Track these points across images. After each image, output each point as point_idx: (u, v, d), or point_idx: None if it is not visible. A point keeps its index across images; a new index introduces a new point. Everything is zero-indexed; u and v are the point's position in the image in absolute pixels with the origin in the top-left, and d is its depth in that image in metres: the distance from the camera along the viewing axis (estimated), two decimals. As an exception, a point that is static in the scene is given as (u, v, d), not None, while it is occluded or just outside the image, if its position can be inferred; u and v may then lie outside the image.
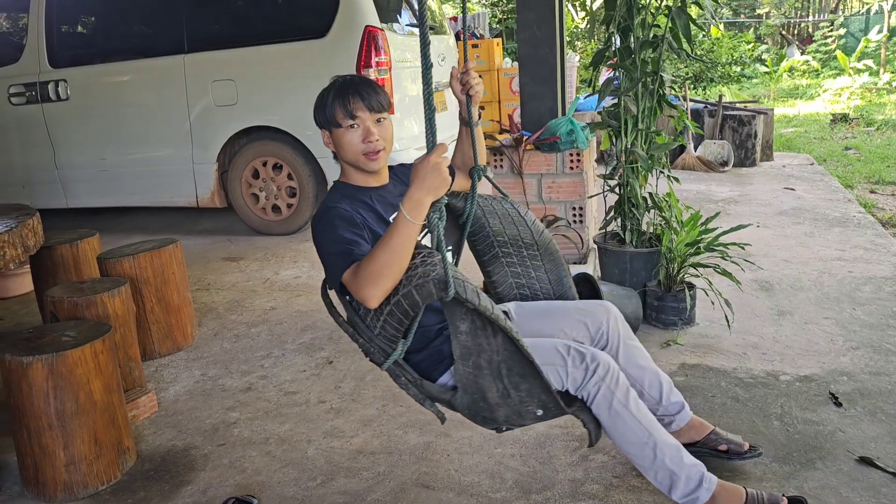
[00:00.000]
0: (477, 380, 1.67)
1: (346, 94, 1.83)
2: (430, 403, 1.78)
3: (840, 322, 3.25)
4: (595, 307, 2.10)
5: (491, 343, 1.64)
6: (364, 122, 1.84)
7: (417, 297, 1.57)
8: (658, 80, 3.32)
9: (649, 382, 2.09)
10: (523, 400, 1.69)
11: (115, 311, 2.75)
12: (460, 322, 1.63)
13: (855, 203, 5.44)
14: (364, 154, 1.85)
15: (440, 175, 1.58)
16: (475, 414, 1.76)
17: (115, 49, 5.54)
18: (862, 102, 11.48)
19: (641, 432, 1.82)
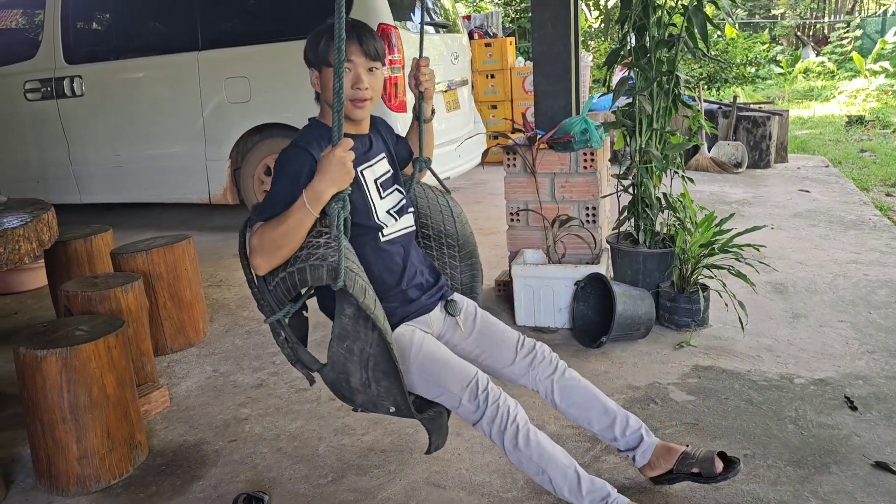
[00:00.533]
0: (346, 362, 1.73)
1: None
2: (300, 366, 1.83)
3: (855, 325, 3.22)
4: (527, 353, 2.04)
5: (368, 335, 1.69)
6: (356, 67, 1.80)
7: (308, 276, 1.63)
8: (674, 79, 3.30)
9: (597, 420, 2.02)
10: (380, 394, 1.76)
11: (128, 306, 2.76)
12: (347, 306, 1.67)
13: (870, 206, 5.39)
14: (350, 100, 1.81)
15: (344, 168, 1.61)
16: (336, 390, 1.82)
17: (129, 46, 5.57)
18: (878, 104, 11.38)
19: (535, 468, 1.82)
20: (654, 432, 2.39)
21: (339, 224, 1.64)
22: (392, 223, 1.94)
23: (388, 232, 1.93)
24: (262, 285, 1.76)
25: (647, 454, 2.03)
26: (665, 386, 2.75)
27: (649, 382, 2.78)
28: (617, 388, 2.75)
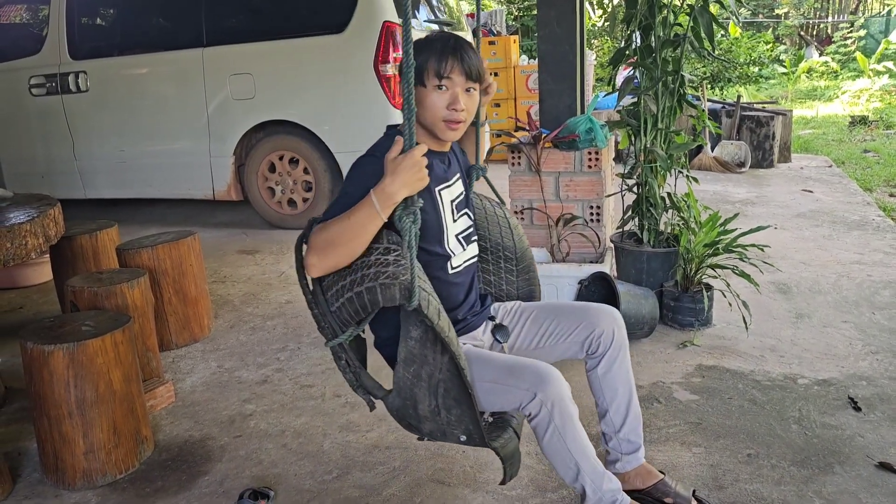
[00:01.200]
0: (413, 388, 1.64)
1: (445, 52, 1.71)
2: (362, 391, 1.75)
3: (859, 326, 3.22)
4: (601, 312, 1.95)
5: (437, 359, 1.60)
6: (454, 86, 1.73)
7: (380, 296, 1.52)
8: (679, 79, 3.30)
9: (616, 409, 1.96)
10: (451, 423, 1.66)
11: (134, 301, 2.77)
12: (413, 328, 1.59)
13: (874, 206, 5.39)
14: (444, 121, 1.74)
15: (420, 172, 1.55)
16: (402, 418, 1.73)
17: (134, 42, 5.58)
18: (881, 105, 11.36)
19: (569, 459, 1.71)
20: (658, 431, 2.42)
21: (410, 239, 1.55)
22: (460, 251, 1.86)
23: (457, 263, 1.86)
24: (324, 306, 1.63)
25: (629, 466, 1.99)
26: (669, 385, 2.75)
27: (653, 381, 2.79)
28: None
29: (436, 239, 1.81)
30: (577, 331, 1.93)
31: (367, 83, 4.80)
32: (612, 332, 1.92)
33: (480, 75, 1.76)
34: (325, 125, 5.00)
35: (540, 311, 2.01)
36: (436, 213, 1.81)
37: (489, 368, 1.73)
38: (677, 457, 2.28)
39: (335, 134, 5.00)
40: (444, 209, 1.83)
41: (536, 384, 1.65)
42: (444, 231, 1.83)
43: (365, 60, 4.78)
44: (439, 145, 1.84)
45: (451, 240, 1.85)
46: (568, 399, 1.67)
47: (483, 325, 1.97)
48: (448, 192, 1.85)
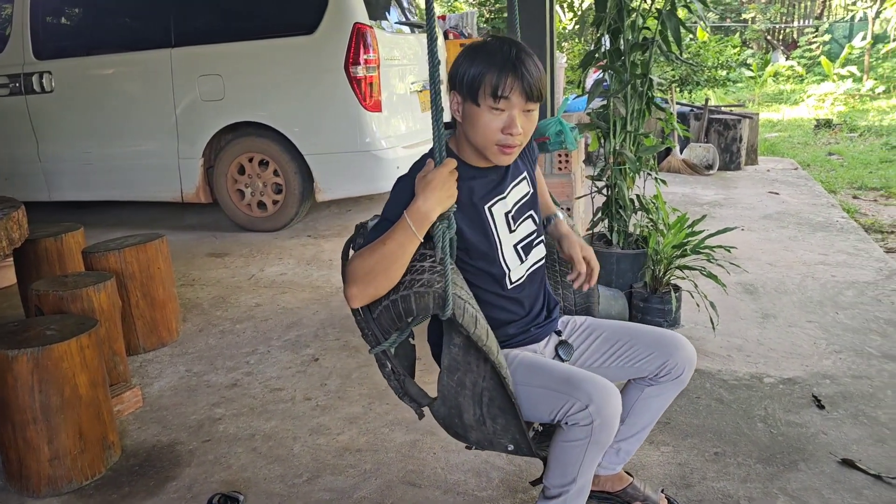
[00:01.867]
0: (457, 397, 1.62)
1: (504, 69, 1.53)
2: (408, 399, 1.69)
3: (823, 326, 3.29)
4: (679, 345, 1.80)
5: (480, 367, 1.57)
6: (512, 108, 1.55)
7: (413, 304, 1.50)
8: (647, 82, 3.34)
9: (632, 424, 1.89)
10: (497, 432, 1.63)
11: (101, 305, 2.73)
12: (456, 335, 1.56)
13: (838, 208, 5.50)
14: (497, 145, 1.59)
15: (452, 188, 1.51)
16: (448, 427, 1.69)
17: (100, 41, 5.49)
18: (845, 108, 11.61)
19: (574, 471, 1.64)
20: (628, 431, 2.44)
21: (444, 246, 1.52)
22: (517, 264, 1.74)
23: (516, 276, 1.74)
24: (366, 312, 1.60)
25: (605, 472, 1.99)
26: (638, 385, 2.78)
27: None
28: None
29: (487, 258, 1.70)
30: (649, 357, 1.80)
31: (338, 85, 4.78)
32: (683, 369, 1.80)
33: (542, 94, 1.57)
34: (296, 127, 4.97)
35: (613, 332, 1.87)
36: (484, 232, 1.69)
37: (542, 374, 1.65)
38: (646, 456, 2.31)
39: (305, 136, 4.97)
40: (495, 226, 1.71)
41: (594, 397, 1.54)
42: (497, 248, 1.71)
43: (335, 62, 4.77)
44: (488, 163, 1.68)
45: (508, 253, 1.73)
46: (615, 425, 1.57)
47: (547, 338, 1.85)
48: (502, 204, 1.72)
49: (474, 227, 1.68)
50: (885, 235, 4.96)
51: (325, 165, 4.99)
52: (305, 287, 4.07)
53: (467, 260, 1.69)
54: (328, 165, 4.99)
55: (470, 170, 1.68)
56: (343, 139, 4.88)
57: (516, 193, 1.76)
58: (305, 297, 3.91)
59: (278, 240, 5.10)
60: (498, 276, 1.72)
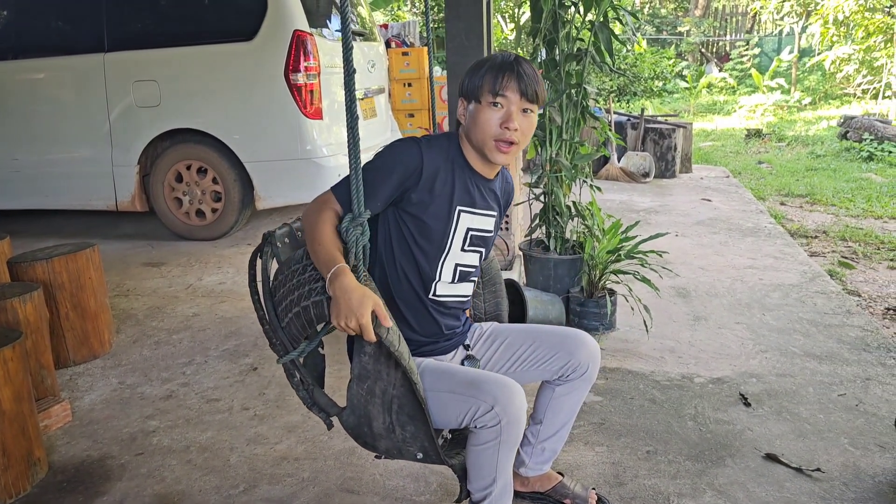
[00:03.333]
0: (367, 405, 1.61)
1: (502, 69, 1.66)
2: (317, 409, 1.69)
3: (751, 327, 3.41)
4: (581, 343, 1.87)
5: (390, 374, 1.58)
6: (509, 104, 1.66)
7: (326, 309, 1.50)
8: (582, 92, 3.42)
9: (549, 424, 1.94)
10: (406, 440, 1.63)
11: (27, 317, 2.64)
12: (366, 343, 1.54)
13: (766, 214, 5.72)
14: (495, 139, 1.67)
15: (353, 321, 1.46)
16: (357, 436, 1.68)
17: (30, 45, 5.31)
18: (774, 119, 12.07)
19: (491, 472, 1.68)
20: (563, 432, 2.48)
21: (357, 252, 1.54)
22: (450, 282, 1.80)
23: (442, 292, 1.80)
24: (273, 321, 1.61)
25: (533, 473, 2.03)
26: (574, 388, 2.83)
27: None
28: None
29: (430, 254, 1.75)
30: (553, 358, 1.86)
31: (278, 92, 4.74)
32: (588, 366, 1.86)
33: (538, 97, 1.68)
34: (235, 134, 4.91)
35: (516, 335, 1.93)
36: (444, 227, 1.74)
37: (448, 379, 1.68)
38: (581, 456, 2.35)
39: (245, 143, 4.91)
40: (454, 230, 1.76)
41: (499, 398, 1.58)
42: (443, 251, 1.76)
43: (275, 69, 4.73)
44: (485, 171, 1.77)
45: (448, 266, 1.78)
46: (523, 420, 1.62)
47: (454, 350, 1.91)
48: (470, 217, 1.78)
49: (438, 219, 1.73)
50: (809, 240, 5.18)
51: (265, 173, 4.94)
52: (244, 296, 4.01)
53: (408, 249, 1.73)
54: (268, 173, 4.94)
55: (466, 168, 1.75)
56: (283, 147, 4.84)
57: (483, 221, 1.82)
58: (244, 305, 3.86)
59: (217, 248, 5.02)
60: (427, 279, 1.77)
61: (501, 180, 1.88)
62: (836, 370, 2.95)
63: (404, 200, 1.70)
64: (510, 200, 1.95)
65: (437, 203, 1.71)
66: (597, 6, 3.31)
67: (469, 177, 1.76)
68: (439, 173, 1.70)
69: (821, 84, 14.32)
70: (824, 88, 14.10)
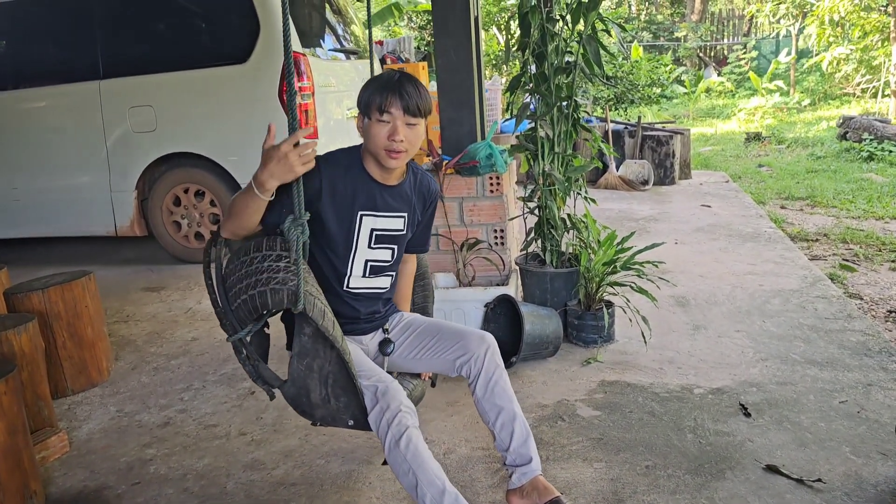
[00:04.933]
0: (306, 379, 1.86)
1: (386, 89, 1.89)
2: (261, 382, 1.92)
3: (751, 335, 3.38)
4: (473, 337, 2.08)
5: (326, 353, 1.83)
6: (395, 119, 1.89)
7: (269, 300, 1.74)
8: (572, 104, 3.42)
9: (501, 425, 2.03)
10: (340, 409, 1.89)
11: (22, 348, 2.64)
12: (306, 325, 1.81)
13: (766, 219, 5.69)
14: (385, 150, 1.91)
15: (286, 164, 1.73)
16: (296, 406, 1.92)
17: (27, 74, 5.36)
18: (774, 121, 12.05)
19: (405, 467, 1.79)
20: (562, 449, 2.47)
21: (298, 248, 1.76)
22: (361, 277, 2.06)
23: (355, 284, 2.06)
24: (225, 305, 1.83)
25: (525, 479, 2.02)
26: (573, 403, 2.82)
27: (558, 400, 2.84)
28: (527, 407, 2.79)
29: (339, 253, 2.02)
30: (450, 350, 2.08)
31: (273, 113, 4.76)
32: (483, 355, 2.05)
33: (420, 110, 1.92)
34: (231, 156, 4.93)
35: (427, 327, 2.18)
36: (348, 230, 2.00)
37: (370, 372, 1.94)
38: (579, 473, 2.33)
39: (241, 165, 4.92)
40: (358, 231, 2.01)
41: (378, 393, 1.85)
42: (351, 250, 2.03)
43: (269, 90, 4.75)
44: (384, 178, 2.02)
45: (358, 262, 2.05)
46: (405, 411, 1.83)
47: (373, 332, 2.17)
48: (372, 219, 2.02)
49: (342, 224, 1.99)
50: (809, 244, 5.15)
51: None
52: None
53: (321, 249, 2.00)
54: (265, 194, 4.94)
55: (364, 177, 2.00)
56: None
57: (388, 222, 2.06)
58: (243, 328, 3.85)
59: (216, 271, 5.01)
60: (339, 274, 2.04)
61: (413, 181, 2.11)
62: (838, 377, 2.92)
63: (312, 210, 1.90)
64: (431, 196, 2.18)
65: (339, 210, 1.97)
66: (584, 19, 3.31)
67: (368, 183, 2.00)
68: (337, 185, 1.95)
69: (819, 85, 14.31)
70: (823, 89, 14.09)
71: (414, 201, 2.12)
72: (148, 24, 5.11)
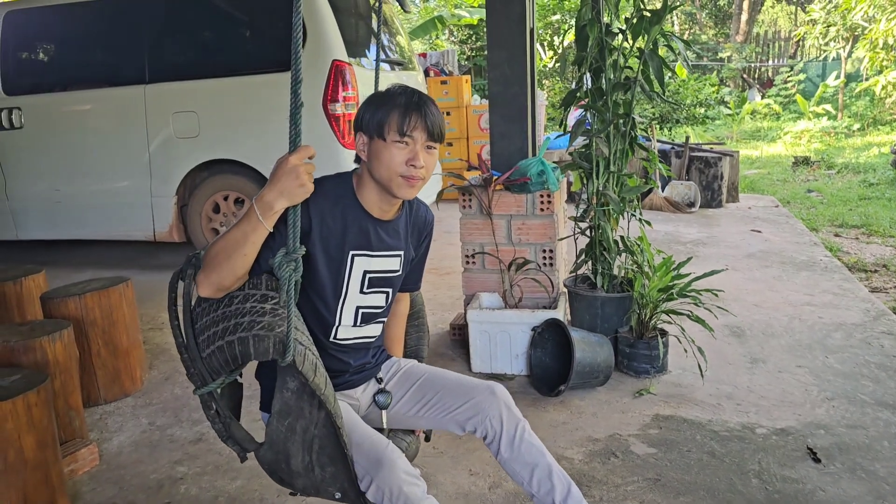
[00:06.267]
0: (286, 442, 1.56)
1: (409, 108, 1.64)
2: (231, 443, 1.60)
3: (813, 371, 3.18)
4: (483, 392, 1.81)
5: (313, 414, 1.52)
6: (415, 143, 1.65)
7: (251, 348, 1.43)
8: (630, 122, 3.27)
9: (538, 483, 1.76)
10: (325, 480, 1.59)
11: (56, 356, 2.56)
12: (290, 379, 1.50)
13: (821, 246, 5.45)
14: (402, 176, 1.65)
15: (297, 179, 1.46)
16: (273, 472, 1.63)
17: (72, 77, 5.36)
18: (822, 146, 11.73)
19: None
20: (616, 489, 2.31)
21: (289, 288, 1.47)
22: (352, 326, 1.78)
23: (344, 335, 1.78)
24: (194, 351, 1.51)
25: None
26: (626, 437, 2.65)
27: (609, 434, 2.68)
28: (576, 440, 2.64)
29: (327, 300, 1.72)
30: (459, 409, 1.81)
31: (316, 122, 4.68)
32: (499, 413, 1.78)
33: (442, 134, 1.70)
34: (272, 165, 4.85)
35: (426, 380, 1.89)
36: (337, 273, 1.71)
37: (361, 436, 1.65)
38: (636, 518, 2.17)
39: (282, 174, 4.85)
40: (349, 274, 1.73)
41: (370, 468, 1.57)
42: (341, 296, 1.73)
43: (313, 99, 4.67)
44: (382, 212, 1.74)
45: (348, 311, 1.76)
46: (408, 481, 1.56)
47: (365, 384, 1.89)
48: (365, 260, 1.74)
49: (331, 265, 1.70)
50: (868, 274, 4.91)
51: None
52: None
53: (306, 295, 1.70)
54: (305, 204, 4.87)
55: (357, 210, 1.72)
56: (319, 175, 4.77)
57: (384, 263, 1.78)
58: (279, 341, 3.75)
59: (253, 280, 4.93)
60: (326, 324, 1.74)
61: (408, 214, 1.84)
62: (912, 421, 2.71)
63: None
64: (426, 228, 1.91)
65: (328, 249, 1.68)
66: (646, 33, 3.16)
67: (362, 219, 1.72)
68: (326, 219, 1.67)
69: (869, 110, 13.91)
70: (873, 114, 13.69)
71: (408, 237, 1.85)
72: (194, 30, 5.09)
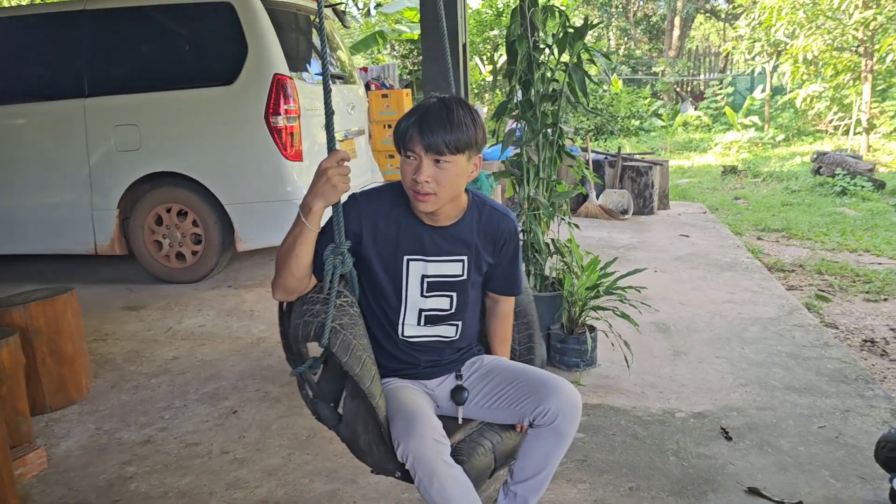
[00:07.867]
0: (354, 422, 1.72)
1: (409, 126, 1.68)
2: (321, 420, 1.78)
3: (730, 361, 3.43)
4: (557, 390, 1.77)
5: (364, 398, 1.66)
6: (419, 158, 1.67)
7: (300, 332, 1.64)
8: (558, 131, 3.48)
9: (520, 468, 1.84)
10: (382, 459, 1.71)
11: (2, 363, 2.61)
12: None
13: (744, 249, 5.79)
14: (412, 189, 1.70)
15: (328, 182, 1.61)
16: (352, 450, 1.77)
17: (9, 91, 5.33)
18: (749, 155, 12.29)
19: None
20: (546, 470, 2.47)
21: (332, 279, 1.66)
22: (416, 326, 1.84)
23: (411, 333, 1.85)
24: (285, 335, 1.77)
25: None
26: (556, 425, 2.83)
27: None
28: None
29: (389, 301, 1.82)
30: (526, 401, 1.79)
31: (258, 135, 4.78)
32: (557, 416, 1.75)
33: (449, 146, 1.65)
34: (215, 177, 4.93)
35: (506, 374, 1.88)
36: (395, 277, 1.79)
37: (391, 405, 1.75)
38: (563, 494, 2.34)
39: (225, 186, 4.93)
40: (407, 279, 1.80)
41: (401, 434, 1.63)
42: (402, 299, 1.82)
43: (255, 112, 4.77)
44: (433, 218, 1.77)
45: (411, 311, 1.83)
46: (431, 456, 1.59)
47: (441, 377, 1.92)
48: (421, 265, 1.80)
49: (388, 269, 1.80)
50: (786, 274, 5.24)
51: (245, 215, 4.95)
52: (225, 338, 3.99)
53: (373, 294, 1.83)
54: (249, 215, 4.95)
55: (409, 217, 1.79)
56: (264, 189, 4.87)
57: (442, 268, 1.82)
58: (224, 348, 3.83)
59: (198, 291, 4.99)
60: (392, 322, 1.85)
61: (476, 221, 1.83)
62: (816, 402, 2.97)
63: (357, 255, 1.78)
64: (503, 236, 1.87)
65: (383, 254, 1.78)
66: (570, 48, 3.39)
67: (415, 225, 1.79)
68: (379, 224, 1.77)
69: (793, 121, 14.64)
70: (797, 125, 14.41)
71: (477, 242, 1.83)
72: (135, 44, 5.12)
